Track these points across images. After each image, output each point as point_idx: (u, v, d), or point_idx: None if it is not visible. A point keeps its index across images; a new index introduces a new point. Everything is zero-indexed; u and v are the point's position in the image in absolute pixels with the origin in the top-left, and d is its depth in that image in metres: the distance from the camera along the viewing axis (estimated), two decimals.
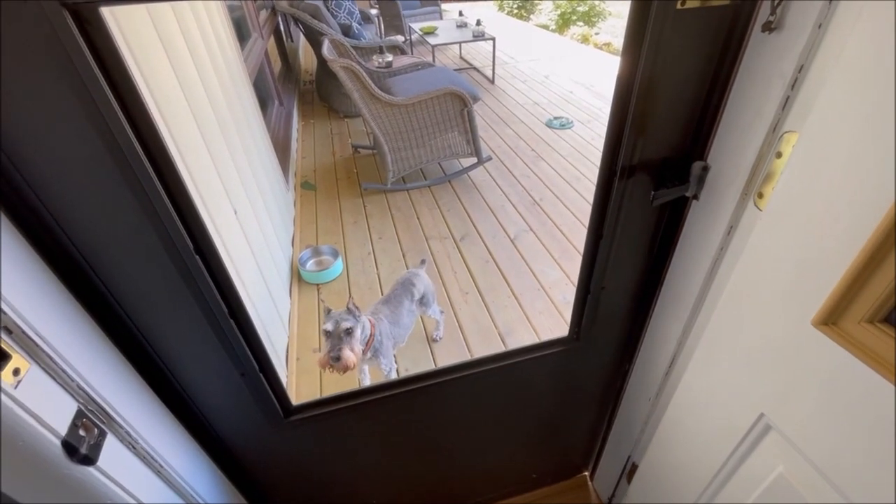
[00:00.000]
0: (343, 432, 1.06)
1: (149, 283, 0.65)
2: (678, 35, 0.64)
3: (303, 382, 2.01)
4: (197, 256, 0.64)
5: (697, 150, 0.77)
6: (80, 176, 0.54)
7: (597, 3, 8.31)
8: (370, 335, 1.53)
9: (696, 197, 0.80)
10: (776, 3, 0.58)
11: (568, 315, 2.28)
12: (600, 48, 7.13)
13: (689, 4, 0.61)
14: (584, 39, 7.54)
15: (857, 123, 0.47)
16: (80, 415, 0.57)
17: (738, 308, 0.68)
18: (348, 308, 1.45)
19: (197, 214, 0.63)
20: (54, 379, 0.55)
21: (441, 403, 1.11)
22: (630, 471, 1.24)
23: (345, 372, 1.39)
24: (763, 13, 0.60)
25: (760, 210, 0.68)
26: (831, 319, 0.54)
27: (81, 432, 0.57)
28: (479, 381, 1.07)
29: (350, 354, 1.37)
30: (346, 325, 1.40)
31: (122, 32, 1.06)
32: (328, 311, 1.45)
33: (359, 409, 1.00)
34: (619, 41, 7.94)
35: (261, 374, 0.83)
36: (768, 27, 0.59)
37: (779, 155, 0.64)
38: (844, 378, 0.55)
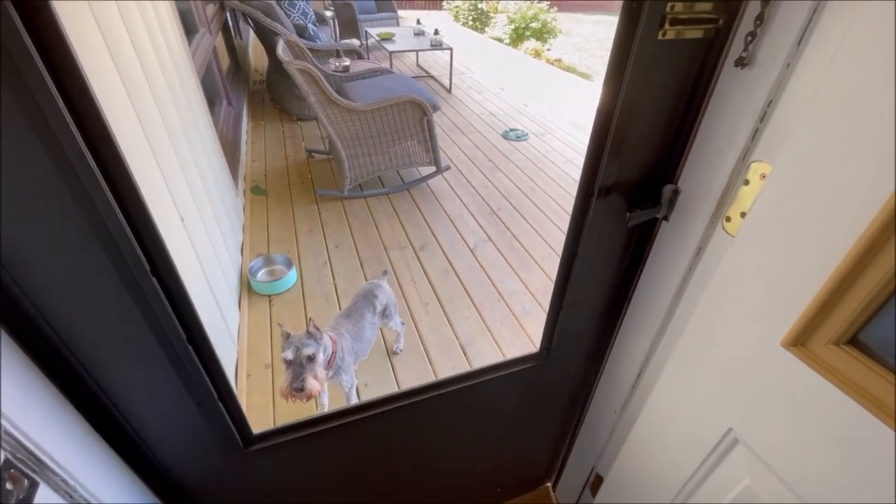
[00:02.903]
0: (306, 459, 0.99)
1: (94, 310, 0.57)
2: (657, 64, 0.66)
3: (254, 401, 1.89)
4: (154, 279, 0.57)
5: (668, 174, 0.80)
6: (11, 177, 0.46)
7: (549, 19, 8.63)
8: (332, 353, 1.47)
9: (665, 218, 0.83)
10: (749, 40, 0.61)
11: (528, 326, 2.32)
12: (552, 64, 7.40)
13: (668, 35, 0.64)
14: (537, 54, 7.80)
15: (829, 157, 0.50)
16: (7, 465, 0.49)
17: (709, 327, 0.71)
18: (308, 331, 1.36)
19: (154, 230, 0.57)
20: None
21: (409, 425, 1.08)
22: (594, 482, 1.26)
23: (308, 400, 1.31)
24: (736, 48, 0.64)
25: (728, 233, 0.72)
26: (800, 341, 0.57)
27: (8, 485, 0.49)
28: (449, 401, 1.05)
29: (314, 383, 1.29)
30: (307, 351, 1.31)
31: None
32: (287, 336, 1.36)
33: (323, 435, 0.94)
34: (568, 57, 8.29)
35: (220, 403, 0.76)
36: (741, 62, 0.63)
37: (746, 182, 0.68)
38: (811, 396, 0.58)
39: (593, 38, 10.65)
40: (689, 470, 0.82)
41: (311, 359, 1.31)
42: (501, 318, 2.35)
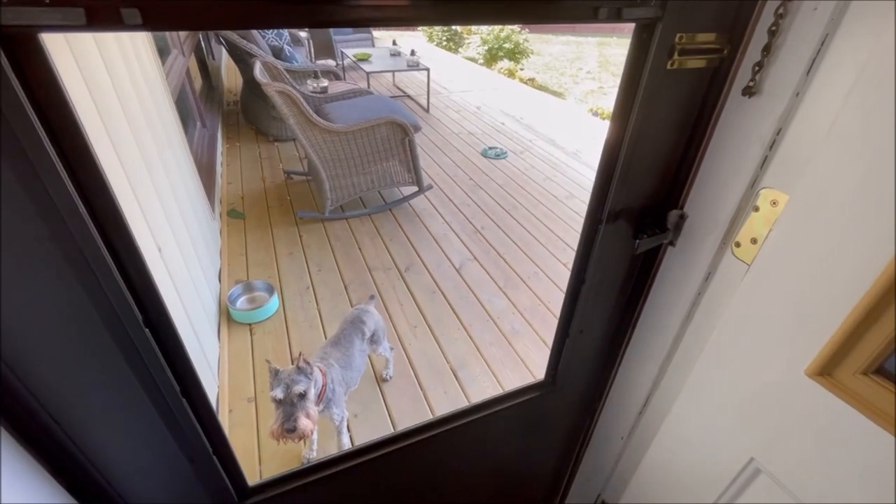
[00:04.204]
0: None
1: (75, 364, 0.51)
2: (666, 92, 0.66)
3: (237, 437, 1.78)
4: (147, 330, 0.52)
5: (673, 200, 0.80)
6: None
7: (521, 40, 8.87)
8: (322, 386, 1.40)
9: (672, 243, 0.82)
10: (756, 70, 0.61)
11: (518, 346, 2.29)
12: (525, 83, 7.58)
13: (676, 65, 0.64)
14: (510, 74, 7.98)
15: (852, 188, 0.50)
16: None
17: (727, 354, 0.70)
18: (298, 366, 1.29)
19: (148, 276, 0.52)
20: None
21: (408, 466, 1.03)
22: None
23: (300, 441, 1.24)
24: (742, 77, 0.64)
25: (739, 259, 0.71)
26: (826, 371, 0.57)
27: None
28: (451, 438, 1.00)
29: (307, 422, 1.21)
30: (298, 388, 1.24)
31: None
32: (276, 373, 1.28)
33: (321, 482, 0.88)
34: (541, 77, 8.52)
35: (214, 457, 0.70)
36: (748, 91, 0.63)
37: (756, 209, 0.68)
38: (839, 426, 0.57)
39: (563, 59, 11.00)
40: (710, 500, 0.80)
41: (303, 396, 1.24)
42: (491, 338, 2.32)
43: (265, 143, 4.33)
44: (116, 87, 1.45)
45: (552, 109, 6.17)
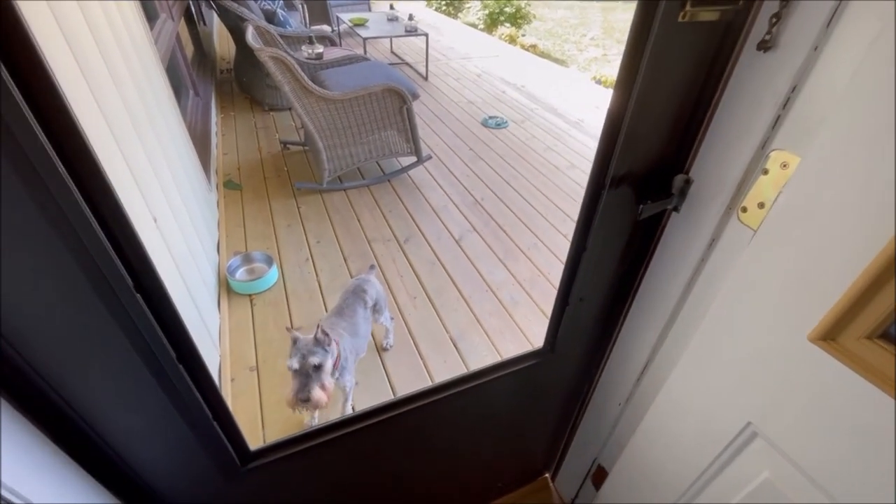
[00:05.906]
0: (306, 472, 0.95)
1: (70, 333, 0.51)
2: (675, 47, 0.62)
3: (239, 406, 1.81)
4: (138, 295, 0.51)
5: (679, 164, 0.77)
6: None
7: (523, 4, 8.55)
8: (336, 356, 1.40)
9: (676, 209, 0.81)
10: (773, 21, 0.58)
11: (517, 316, 2.30)
12: (527, 50, 7.35)
13: (688, 17, 0.60)
14: (511, 40, 7.73)
15: (868, 148, 0.48)
16: None
17: (729, 320, 0.69)
18: (316, 337, 1.29)
19: (136, 240, 0.50)
20: None
21: (410, 431, 1.04)
22: (596, 473, 1.26)
23: (315, 411, 1.25)
24: (757, 31, 0.61)
25: (745, 224, 0.70)
26: (830, 335, 0.56)
27: None
28: (452, 403, 1.01)
29: (321, 394, 1.22)
30: (314, 360, 1.25)
31: None
32: (295, 341, 1.28)
33: (322, 447, 0.89)
34: (543, 43, 8.26)
35: (214, 423, 0.70)
36: (764, 45, 0.60)
37: (765, 172, 0.66)
38: (840, 390, 0.57)
39: (566, 24, 10.63)
40: (704, 463, 0.81)
41: (318, 368, 1.25)
42: (491, 308, 2.32)
43: (260, 113, 4.23)
44: (102, 51, 1.39)
45: (554, 77, 6.01)
